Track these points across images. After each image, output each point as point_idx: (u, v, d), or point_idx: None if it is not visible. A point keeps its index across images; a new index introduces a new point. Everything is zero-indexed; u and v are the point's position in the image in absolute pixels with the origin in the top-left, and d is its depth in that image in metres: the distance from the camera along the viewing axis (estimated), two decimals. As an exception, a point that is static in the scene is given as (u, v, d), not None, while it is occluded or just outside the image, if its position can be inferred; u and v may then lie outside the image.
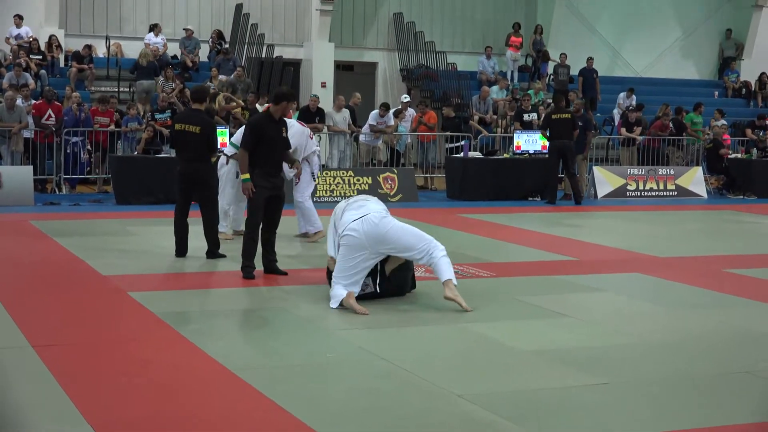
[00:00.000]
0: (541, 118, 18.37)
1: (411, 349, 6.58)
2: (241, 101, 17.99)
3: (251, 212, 8.99)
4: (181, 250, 10.08)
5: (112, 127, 17.26)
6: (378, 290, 7.94)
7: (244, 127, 9.77)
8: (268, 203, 9.02)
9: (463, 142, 18.65)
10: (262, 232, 9.07)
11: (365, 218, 7.69)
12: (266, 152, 8.99)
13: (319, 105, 18.71)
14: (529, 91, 21.77)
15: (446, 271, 7.63)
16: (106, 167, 17.15)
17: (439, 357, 6.38)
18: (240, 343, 6.81)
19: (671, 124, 20.83)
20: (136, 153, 16.51)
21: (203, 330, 6.95)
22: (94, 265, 9.46)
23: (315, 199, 15.52)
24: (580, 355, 6.41)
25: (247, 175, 8.90)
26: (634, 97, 23.70)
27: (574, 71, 24.66)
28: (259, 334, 7.02)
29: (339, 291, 7.66)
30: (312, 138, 11.60)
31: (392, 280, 8.01)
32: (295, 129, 11.16)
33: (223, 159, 11.57)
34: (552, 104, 17.79)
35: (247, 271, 8.95)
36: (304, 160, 11.31)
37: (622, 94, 24.14)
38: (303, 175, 11.29)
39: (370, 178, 16.94)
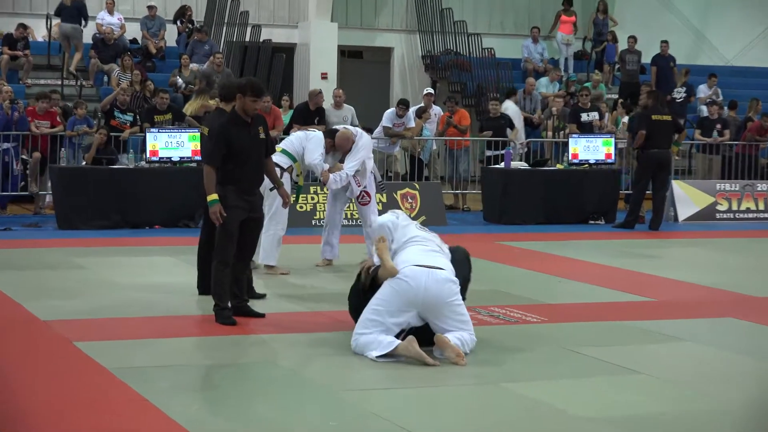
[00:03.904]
0: (635, 117, 18.15)
1: (439, 416, 6.57)
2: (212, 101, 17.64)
3: (222, 241, 9.01)
4: (202, 285, 10.10)
5: (60, 128, 17.26)
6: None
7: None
8: (242, 228, 9.08)
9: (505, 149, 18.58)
10: (232, 265, 9.10)
11: (433, 272, 7.74)
12: (239, 164, 8.99)
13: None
14: (586, 84, 21.79)
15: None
16: (45, 181, 17.24)
17: (476, 426, 6.38)
18: (216, 406, 6.81)
19: (775, 126, 20.85)
20: (84, 163, 16.58)
21: (169, 390, 6.96)
22: (31, 308, 9.49)
23: (314, 222, 15.58)
24: (654, 424, 6.39)
25: (215, 196, 8.88)
26: (717, 88, 23.72)
27: (646, 59, 24.70)
28: (241, 394, 7.03)
29: (381, 338, 7.65)
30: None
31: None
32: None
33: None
34: (649, 102, 17.64)
35: (223, 315, 8.99)
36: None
37: (701, 86, 24.17)
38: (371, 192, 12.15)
39: (384, 195, 16.93)
